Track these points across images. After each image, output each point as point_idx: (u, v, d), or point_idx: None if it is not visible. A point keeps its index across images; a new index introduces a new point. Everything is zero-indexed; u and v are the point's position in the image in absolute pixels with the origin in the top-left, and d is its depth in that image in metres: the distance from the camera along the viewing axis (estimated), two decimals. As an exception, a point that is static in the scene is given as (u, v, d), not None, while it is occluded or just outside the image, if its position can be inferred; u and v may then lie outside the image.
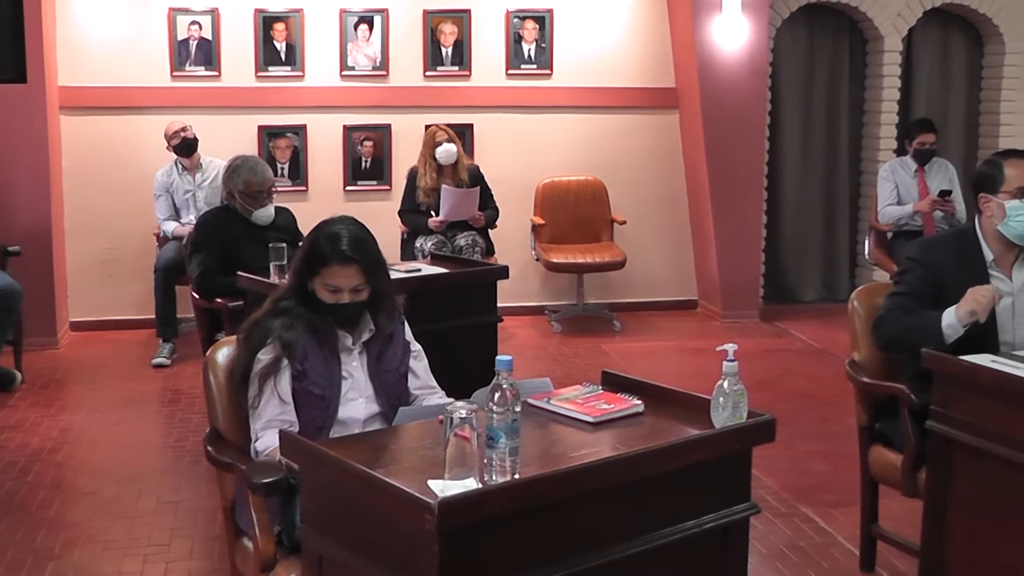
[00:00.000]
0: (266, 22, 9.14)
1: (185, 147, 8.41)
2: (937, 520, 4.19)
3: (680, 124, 9.85)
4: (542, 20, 9.53)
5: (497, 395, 2.80)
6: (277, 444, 3.40)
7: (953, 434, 4.06)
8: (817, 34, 10.28)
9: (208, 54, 9.10)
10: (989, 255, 4.44)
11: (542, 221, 9.37)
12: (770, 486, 5.83)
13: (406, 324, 4.02)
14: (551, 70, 9.60)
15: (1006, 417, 3.88)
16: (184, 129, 8.43)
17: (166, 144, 8.46)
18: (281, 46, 9.17)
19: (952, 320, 4.23)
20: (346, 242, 3.77)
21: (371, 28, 9.26)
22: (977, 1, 10.28)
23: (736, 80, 9.37)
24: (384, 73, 9.33)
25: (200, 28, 9.06)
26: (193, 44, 9.07)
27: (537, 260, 9.35)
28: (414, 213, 8.60)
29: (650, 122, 9.83)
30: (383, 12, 9.26)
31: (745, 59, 9.36)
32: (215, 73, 9.12)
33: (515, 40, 9.51)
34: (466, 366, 4.40)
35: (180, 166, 8.49)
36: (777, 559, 5.03)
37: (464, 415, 2.77)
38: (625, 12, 9.67)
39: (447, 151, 8.49)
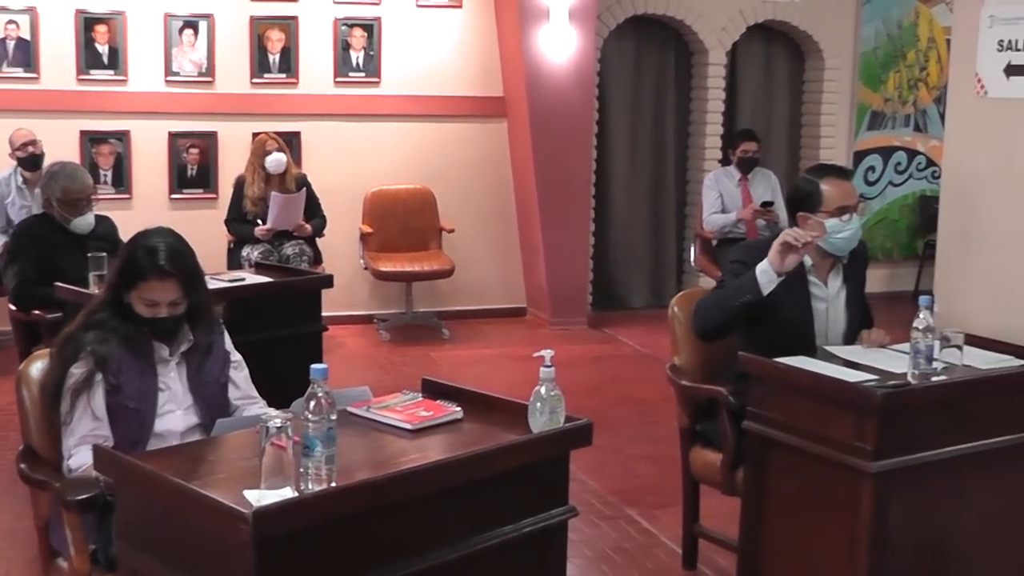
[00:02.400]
0: (87, 23, 8.93)
1: (31, 162, 8.15)
2: (754, 516, 4.31)
3: (508, 133, 9.91)
4: (370, 28, 9.50)
5: (312, 404, 2.79)
6: (91, 461, 3.33)
7: (769, 433, 4.19)
8: (644, 45, 10.44)
9: (27, 55, 8.84)
10: (808, 261, 4.55)
11: (370, 230, 9.34)
12: (596, 489, 5.90)
13: (226, 334, 3.98)
14: (379, 78, 9.58)
15: (818, 415, 4.01)
16: (33, 143, 8.18)
17: (10, 150, 8.22)
18: (103, 49, 8.97)
19: (765, 267, 4.33)
20: (164, 256, 3.70)
21: (196, 33, 9.13)
22: (798, 18, 10.57)
23: (564, 89, 9.45)
24: (210, 79, 9.21)
25: (18, 27, 8.79)
26: (11, 44, 8.81)
27: (365, 269, 9.32)
28: (241, 222, 8.50)
29: (479, 131, 9.88)
30: (209, 17, 9.14)
31: (573, 69, 9.46)
32: (34, 75, 8.88)
33: (343, 48, 9.47)
34: (290, 376, 4.35)
35: (21, 177, 8.25)
36: (602, 561, 5.09)
37: (280, 424, 2.76)
38: (454, 21, 9.70)
39: (277, 160, 8.42)
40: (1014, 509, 4.37)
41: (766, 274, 4.34)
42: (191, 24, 9.13)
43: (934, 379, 4.00)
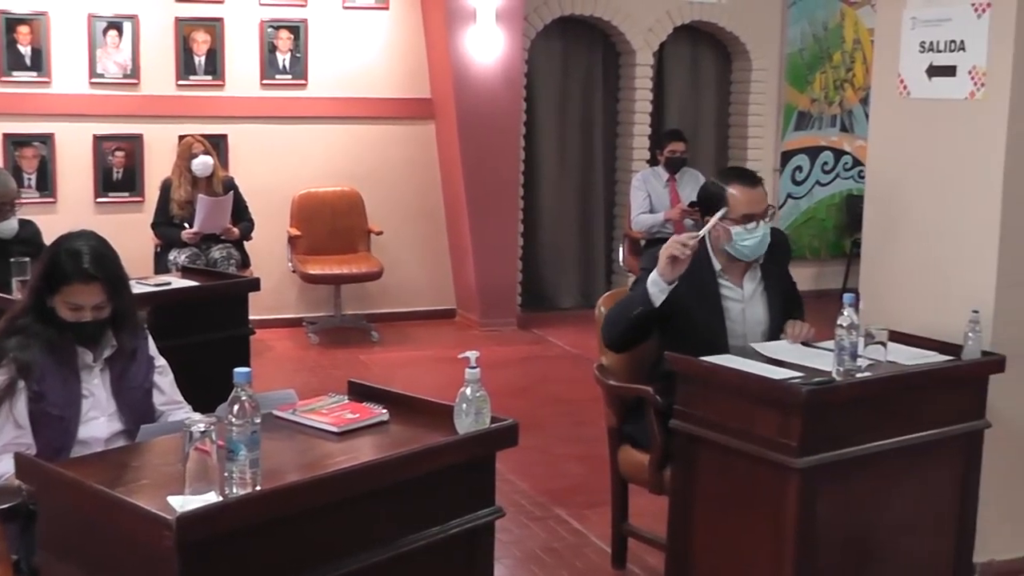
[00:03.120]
0: (9, 24, 8.79)
1: None
2: (682, 514, 4.35)
3: (436, 134, 9.90)
4: (296, 30, 9.45)
5: (236, 407, 2.77)
6: (12, 470, 3.28)
7: (696, 432, 4.23)
8: (571, 47, 10.48)
9: (-55, 57, 8.74)
10: (717, 265, 4.58)
11: (298, 232, 9.30)
12: (525, 490, 5.91)
13: (150, 339, 3.95)
14: (306, 80, 9.53)
15: (745, 413, 4.07)
16: None
17: None
18: (26, 50, 8.85)
19: (655, 277, 4.34)
20: (88, 259, 3.66)
21: (121, 34, 9.04)
22: (725, 19, 10.66)
23: (491, 91, 9.46)
24: (135, 81, 9.12)
25: (-65, 28, 8.71)
26: (-70, 47, 8.72)
27: (294, 272, 9.28)
28: (167, 226, 8.43)
29: (406, 133, 9.86)
30: (133, 18, 9.05)
31: (500, 70, 9.47)
32: (-46, 77, 8.79)
33: (269, 50, 9.41)
34: (217, 380, 4.32)
35: None
36: (532, 562, 5.10)
37: (203, 429, 2.75)
38: (381, 23, 9.67)
39: (203, 163, 8.35)
40: (937, 501, 4.46)
41: (656, 284, 4.36)
42: (115, 25, 9.03)
43: (858, 376, 4.05)
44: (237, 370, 2.84)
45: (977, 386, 4.52)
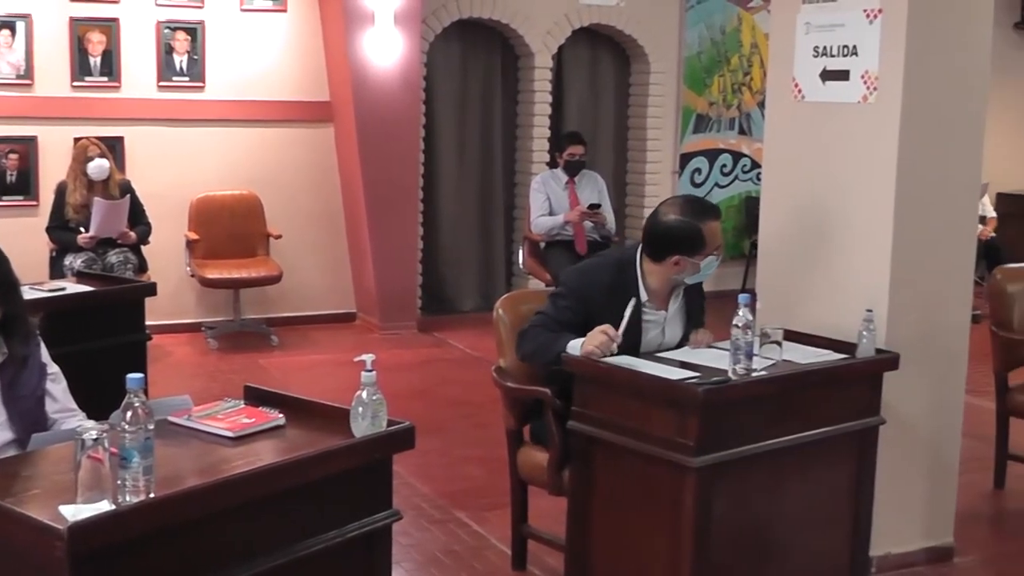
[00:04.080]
0: None
1: None
2: (581, 515, 4.38)
3: (335, 137, 9.85)
4: (193, 31, 9.35)
5: (129, 414, 2.73)
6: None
7: (594, 432, 4.26)
8: (470, 49, 10.47)
9: None
10: (644, 296, 4.55)
11: (196, 236, 9.21)
12: (425, 493, 5.90)
13: (43, 346, 3.88)
14: (204, 83, 9.43)
15: (642, 413, 4.11)
16: None
17: None
18: (-85, 53, 8.71)
19: (576, 353, 4.33)
20: (-23, 264, 3.60)
21: (14, 34, 8.87)
22: (623, 22, 10.72)
23: (390, 94, 9.43)
24: (29, 82, 8.97)
25: None
26: None
27: (192, 276, 9.18)
28: (63, 230, 8.30)
29: (305, 136, 9.80)
30: (26, 17, 8.89)
31: (399, 73, 9.44)
32: None
33: (166, 51, 9.30)
34: (113, 387, 4.26)
35: None
36: (432, 565, 5.09)
37: (95, 436, 2.71)
38: (279, 25, 9.61)
39: (99, 166, 8.24)
40: (833, 497, 4.54)
41: (574, 349, 4.34)
42: (8, 24, 8.87)
43: (754, 375, 4.10)
44: (130, 376, 2.80)
45: (871, 383, 4.61)
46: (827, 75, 5.11)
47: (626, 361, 4.26)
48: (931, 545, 5.21)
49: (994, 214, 11.37)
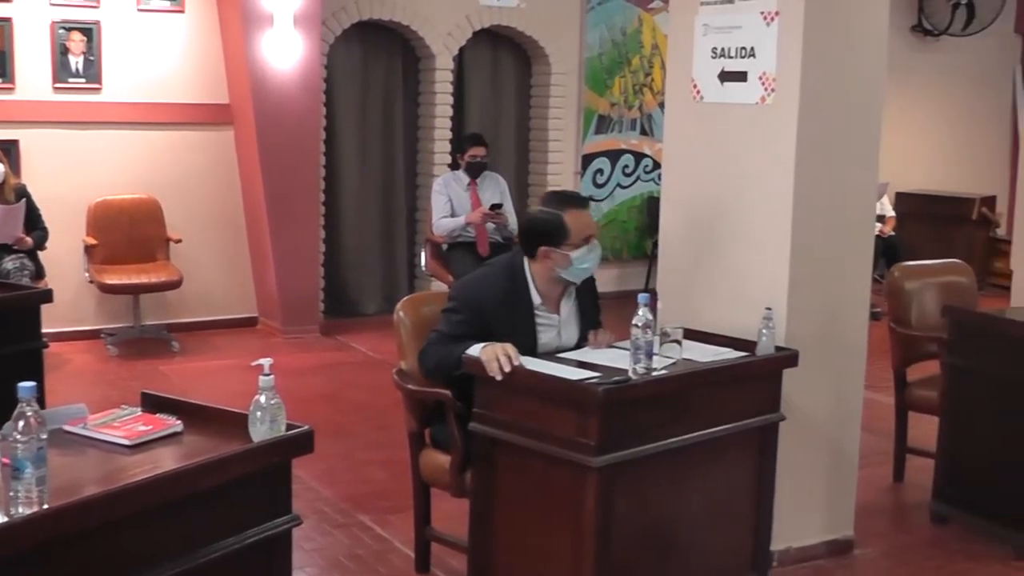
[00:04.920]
0: None
1: None
2: (483, 517, 4.39)
3: (236, 140, 9.76)
4: (89, 32, 9.20)
5: (21, 423, 2.69)
6: None
7: (495, 434, 4.27)
8: (371, 51, 10.43)
9: None
10: (537, 299, 4.57)
11: (95, 241, 9.07)
12: (328, 497, 5.87)
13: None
14: (101, 84, 9.29)
15: (543, 414, 4.12)
16: None
17: None
18: None
19: (477, 355, 4.30)
20: None
21: (-98, 38, 8.72)
22: (524, 24, 10.74)
23: (290, 96, 9.37)
24: (-82, 86, 8.82)
25: None
26: None
27: (91, 282, 9.04)
28: (-44, 237, 8.15)
29: (205, 138, 9.70)
30: (-88, 20, 8.74)
31: (299, 75, 9.38)
32: None
33: (61, 52, 9.13)
34: (8, 397, 4.20)
35: None
36: (335, 569, 5.07)
37: (-15, 446, 2.66)
38: (176, 26, 9.49)
39: (-7, 171, 8.11)
40: (735, 493, 4.59)
41: (475, 352, 4.33)
42: None
43: (654, 374, 4.12)
44: (21, 384, 2.75)
45: (772, 380, 4.66)
46: (725, 76, 5.16)
47: (527, 362, 4.26)
48: (831, 538, 5.29)
49: (893, 213, 11.55)
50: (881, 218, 10.54)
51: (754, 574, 4.74)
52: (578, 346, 4.66)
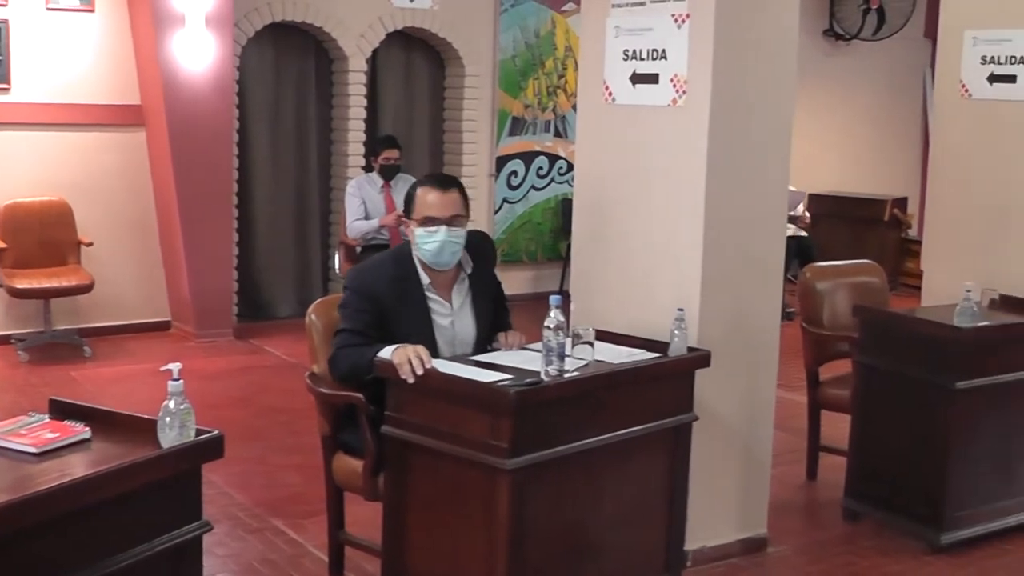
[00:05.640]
0: None
1: None
2: (397, 520, 4.37)
3: (147, 142, 9.66)
4: (-3, 32, 9.09)
5: (-79, 431, 2.65)
6: None
7: (407, 437, 4.26)
8: (283, 53, 10.38)
9: None
10: (425, 279, 4.59)
11: (4, 245, 8.93)
12: (242, 502, 5.83)
13: None
14: (9, 85, 9.14)
15: (455, 417, 4.12)
16: None
17: None
18: None
19: (388, 357, 4.29)
20: None
21: None
22: (437, 26, 10.73)
23: (202, 97, 9.29)
24: None
25: None
26: None
27: (1, 286, 8.90)
28: None
29: (116, 140, 9.59)
30: None
31: (211, 76, 9.30)
32: None
33: (-32, 53, 9.02)
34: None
35: None
36: (249, 574, 5.04)
37: None
38: (87, 25, 9.37)
39: (-103, 173, 7.97)
40: (649, 493, 4.62)
41: (386, 354, 4.31)
42: None
43: (566, 375, 4.13)
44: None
45: (684, 380, 4.70)
46: (637, 78, 5.18)
47: (440, 365, 4.26)
48: (745, 536, 5.34)
49: (807, 215, 11.66)
50: (793, 219, 10.62)
51: (668, 574, 4.77)
52: (479, 344, 4.66)
